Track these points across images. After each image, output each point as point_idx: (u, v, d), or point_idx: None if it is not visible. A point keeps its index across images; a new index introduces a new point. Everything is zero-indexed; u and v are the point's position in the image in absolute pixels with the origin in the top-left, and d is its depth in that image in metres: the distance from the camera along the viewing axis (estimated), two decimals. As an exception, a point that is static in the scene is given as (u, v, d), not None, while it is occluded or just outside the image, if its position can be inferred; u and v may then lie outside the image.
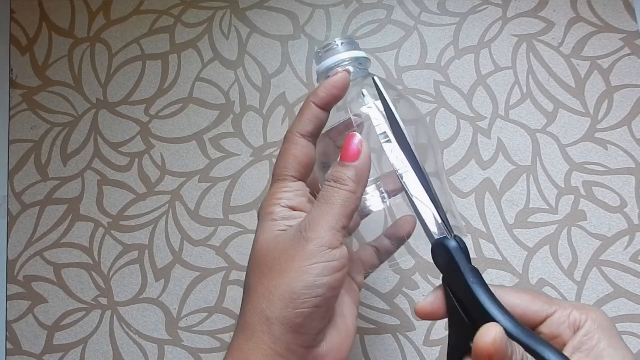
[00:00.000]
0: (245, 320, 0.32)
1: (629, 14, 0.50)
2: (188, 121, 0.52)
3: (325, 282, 0.31)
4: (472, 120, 0.49)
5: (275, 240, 0.33)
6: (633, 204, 0.47)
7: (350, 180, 0.33)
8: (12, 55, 0.54)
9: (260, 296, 0.32)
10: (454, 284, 0.31)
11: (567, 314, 0.30)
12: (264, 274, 0.32)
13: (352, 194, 0.33)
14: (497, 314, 0.28)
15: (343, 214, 0.33)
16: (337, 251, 0.32)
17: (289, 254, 0.32)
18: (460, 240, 0.32)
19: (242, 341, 0.32)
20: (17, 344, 0.48)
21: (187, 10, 0.54)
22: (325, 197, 0.33)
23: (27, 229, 0.51)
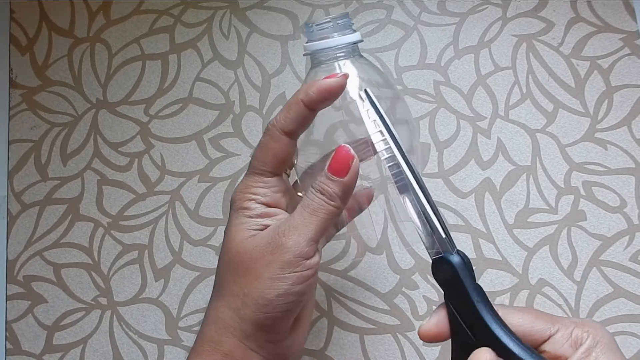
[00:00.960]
0: (217, 314, 0.34)
1: (629, 14, 0.50)
2: (188, 121, 0.52)
3: (297, 290, 0.33)
4: (472, 121, 0.49)
5: (252, 241, 0.34)
6: (633, 204, 0.47)
7: (338, 198, 0.33)
8: (12, 55, 0.54)
9: (235, 296, 0.33)
10: (457, 301, 0.30)
11: (569, 332, 0.30)
12: (239, 274, 0.33)
13: (337, 210, 0.34)
14: (502, 334, 0.28)
15: (324, 227, 0.33)
16: (311, 260, 0.33)
17: (266, 259, 0.33)
18: (464, 255, 0.31)
19: (215, 334, 0.34)
20: (17, 344, 0.48)
21: (187, 10, 0.54)
22: (311, 207, 0.33)
23: (27, 229, 0.51)
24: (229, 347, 0.33)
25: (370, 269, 0.47)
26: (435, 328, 0.31)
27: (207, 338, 0.34)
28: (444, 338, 0.31)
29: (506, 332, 0.28)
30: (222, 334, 0.33)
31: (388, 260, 0.47)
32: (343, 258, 0.48)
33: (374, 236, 0.42)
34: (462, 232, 0.47)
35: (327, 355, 0.46)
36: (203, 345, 0.34)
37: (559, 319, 0.31)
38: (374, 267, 0.47)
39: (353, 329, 0.46)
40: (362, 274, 0.47)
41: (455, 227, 0.47)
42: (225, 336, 0.33)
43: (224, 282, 0.34)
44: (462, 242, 0.47)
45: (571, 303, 0.45)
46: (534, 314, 0.31)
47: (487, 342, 0.28)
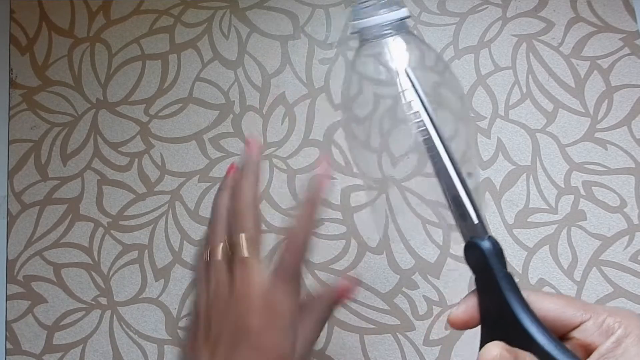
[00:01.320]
0: None
1: (629, 14, 0.50)
2: (188, 121, 0.52)
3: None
4: (472, 120, 0.49)
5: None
6: (633, 204, 0.47)
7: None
8: (12, 55, 0.54)
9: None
10: (487, 288, 0.30)
11: (601, 321, 0.29)
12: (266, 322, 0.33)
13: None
14: (529, 324, 0.28)
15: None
16: None
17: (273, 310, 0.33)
18: (494, 242, 0.30)
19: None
20: (17, 344, 0.48)
21: (187, 10, 0.54)
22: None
23: (27, 229, 0.51)
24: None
25: (370, 269, 0.47)
26: (463, 315, 0.31)
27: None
28: (473, 325, 0.31)
29: (533, 321, 0.28)
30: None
31: (388, 260, 0.47)
32: (343, 258, 0.48)
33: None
34: (462, 232, 0.47)
35: (327, 355, 0.46)
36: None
37: (591, 307, 0.30)
38: (374, 267, 0.47)
39: (353, 329, 0.46)
40: (362, 274, 0.47)
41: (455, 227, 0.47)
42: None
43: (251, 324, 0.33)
44: (462, 242, 0.47)
45: (571, 303, 0.45)
46: (565, 300, 0.30)
47: (513, 331, 0.28)
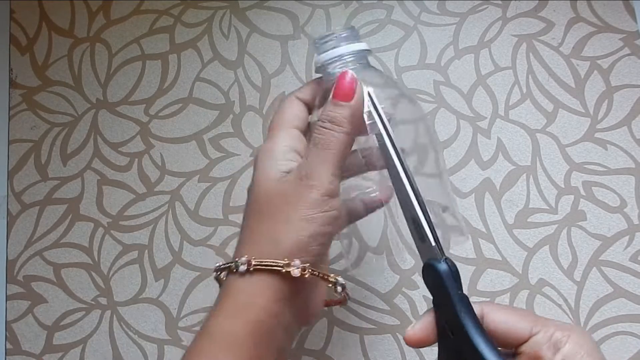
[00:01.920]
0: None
1: (629, 14, 0.50)
2: (188, 121, 0.52)
3: (328, 231, 0.32)
4: (472, 121, 0.49)
5: (277, 184, 0.33)
6: (633, 204, 0.47)
7: (346, 122, 0.33)
8: (12, 55, 0.54)
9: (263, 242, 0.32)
10: (443, 308, 0.31)
11: (549, 335, 0.29)
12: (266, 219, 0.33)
13: (347, 136, 0.33)
14: (483, 347, 0.29)
15: (341, 158, 0.33)
16: (335, 201, 0.33)
17: (292, 202, 0.32)
18: (451, 264, 0.31)
19: (246, 285, 0.32)
20: (17, 344, 0.48)
21: (187, 10, 0.54)
22: (322, 142, 0.33)
23: (27, 229, 0.51)
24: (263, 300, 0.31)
25: (370, 269, 0.47)
26: (420, 333, 0.31)
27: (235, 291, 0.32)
28: (429, 343, 0.31)
29: (487, 344, 0.29)
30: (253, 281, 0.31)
31: (388, 260, 0.47)
32: (343, 258, 0.48)
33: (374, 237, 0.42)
34: (462, 232, 0.47)
35: (327, 355, 0.46)
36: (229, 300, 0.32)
37: (542, 320, 0.30)
38: (374, 267, 0.47)
39: (353, 329, 0.46)
40: (362, 274, 0.47)
41: (455, 227, 0.47)
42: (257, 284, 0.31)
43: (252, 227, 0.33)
44: (462, 242, 0.47)
45: (571, 303, 0.45)
46: (517, 314, 0.31)
47: (466, 349, 0.29)
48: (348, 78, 0.33)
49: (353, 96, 0.33)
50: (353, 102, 0.33)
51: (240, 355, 0.30)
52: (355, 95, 0.33)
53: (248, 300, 0.31)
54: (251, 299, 0.31)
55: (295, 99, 0.37)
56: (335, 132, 0.33)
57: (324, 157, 0.32)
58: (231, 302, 0.32)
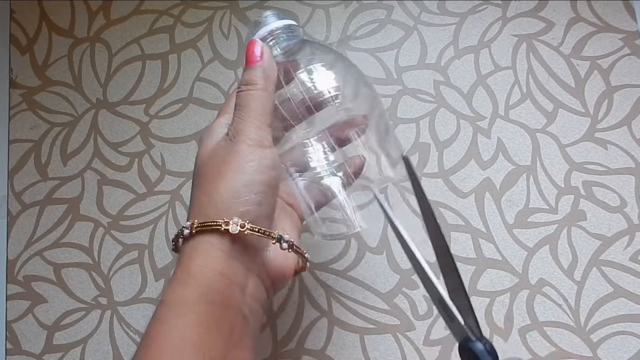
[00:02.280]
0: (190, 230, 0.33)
1: (629, 14, 0.50)
2: (188, 121, 0.52)
3: (262, 179, 0.33)
4: (472, 120, 0.49)
5: (211, 152, 0.35)
6: (633, 204, 0.47)
7: (260, 79, 0.35)
8: (12, 55, 0.54)
9: (204, 204, 0.33)
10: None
11: None
12: (204, 183, 0.34)
13: (264, 92, 0.35)
14: None
15: (263, 112, 0.35)
16: (267, 151, 0.34)
17: (225, 160, 0.33)
18: (490, 348, 0.30)
19: (191, 249, 0.33)
20: (17, 344, 0.48)
21: (187, 10, 0.54)
22: (241, 103, 0.35)
23: (27, 229, 0.51)
24: (207, 260, 0.32)
25: (370, 269, 0.47)
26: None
27: (184, 258, 0.33)
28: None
29: None
30: (197, 245, 0.32)
31: (388, 260, 0.47)
32: (343, 258, 0.48)
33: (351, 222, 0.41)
34: (462, 232, 0.47)
35: (327, 355, 0.46)
36: (180, 267, 0.32)
37: None
38: (374, 267, 0.47)
39: (353, 329, 0.46)
40: (362, 274, 0.47)
41: (455, 227, 0.47)
42: (201, 246, 0.32)
43: (193, 196, 0.35)
44: (462, 242, 0.47)
45: (571, 303, 0.45)
46: None
47: None
48: (253, 43, 0.36)
49: (261, 57, 0.36)
50: (262, 62, 0.36)
51: (195, 318, 0.30)
52: (262, 56, 0.36)
53: (195, 263, 0.32)
54: (198, 262, 0.32)
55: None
56: (251, 90, 0.35)
57: (246, 115, 0.34)
58: (182, 268, 0.32)
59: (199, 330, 0.30)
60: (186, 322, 0.30)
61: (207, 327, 0.30)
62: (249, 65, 0.36)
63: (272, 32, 0.38)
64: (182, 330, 0.30)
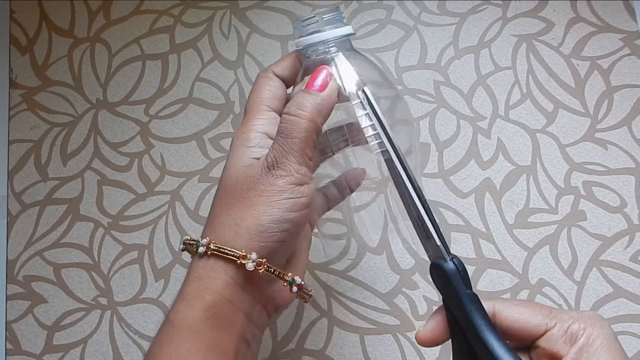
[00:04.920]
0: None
1: (629, 14, 0.50)
2: (188, 121, 0.52)
3: (292, 217, 0.32)
4: (472, 121, 0.49)
5: (244, 172, 0.33)
6: (633, 204, 0.47)
7: (313, 109, 0.32)
8: (12, 55, 0.54)
9: (226, 227, 0.32)
10: (452, 306, 0.31)
11: (565, 328, 0.29)
12: (232, 205, 0.32)
13: (313, 124, 0.32)
14: (494, 343, 0.29)
15: (306, 146, 0.32)
16: (305, 188, 0.32)
17: (258, 188, 0.32)
18: (458, 263, 0.31)
19: (203, 270, 0.32)
20: (17, 344, 0.48)
21: (187, 10, 0.54)
22: (286, 130, 0.32)
23: (27, 229, 0.51)
24: (217, 285, 0.31)
25: (370, 269, 0.47)
26: (432, 333, 0.31)
27: (194, 276, 0.32)
28: (442, 341, 0.31)
29: (498, 341, 0.29)
30: (211, 268, 0.32)
31: (388, 260, 0.47)
32: (343, 258, 0.48)
33: (369, 236, 0.42)
34: (462, 232, 0.47)
35: (327, 355, 0.46)
36: (189, 286, 0.32)
37: (557, 313, 0.30)
38: (374, 267, 0.47)
39: (353, 329, 0.46)
40: (362, 274, 0.47)
41: (455, 227, 0.47)
42: (213, 270, 0.31)
43: (216, 214, 0.33)
44: (462, 242, 0.47)
45: (571, 303, 0.45)
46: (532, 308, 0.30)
47: (479, 347, 0.29)
48: (323, 74, 0.34)
49: (322, 88, 0.33)
50: (323, 94, 0.33)
51: (198, 341, 0.30)
52: (325, 87, 0.33)
53: (204, 285, 0.31)
54: (207, 284, 0.31)
55: (272, 75, 0.36)
56: (301, 120, 0.32)
57: (289, 146, 0.32)
58: (191, 287, 0.32)
59: (203, 355, 0.30)
60: (191, 345, 0.30)
61: (211, 351, 0.30)
62: (308, 89, 0.33)
63: (324, 42, 0.35)
64: (187, 354, 0.29)
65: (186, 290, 0.32)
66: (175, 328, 0.31)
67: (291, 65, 0.37)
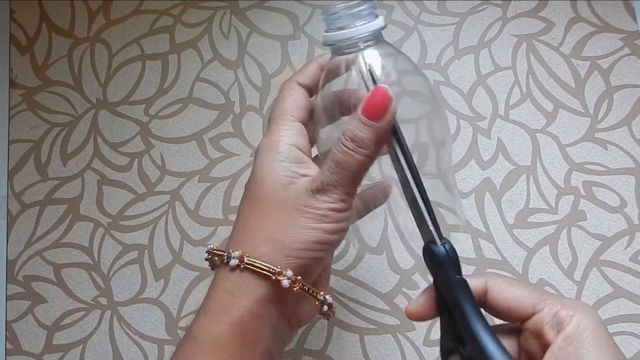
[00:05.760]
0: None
1: (629, 14, 0.50)
2: (188, 121, 0.52)
3: (332, 240, 0.32)
4: (472, 120, 0.49)
5: (285, 190, 0.32)
6: (633, 204, 0.47)
7: (372, 145, 0.31)
8: (12, 55, 0.54)
9: (262, 240, 0.31)
10: (442, 289, 0.31)
11: (553, 313, 0.28)
12: (272, 220, 0.32)
13: (369, 160, 0.31)
14: (480, 330, 0.29)
15: (358, 179, 0.32)
16: (345, 214, 0.32)
17: (301, 210, 0.31)
18: (450, 248, 0.31)
19: (233, 284, 0.31)
20: (17, 344, 0.48)
21: (187, 10, 0.54)
22: (342, 161, 0.31)
23: (27, 229, 0.51)
24: (248, 300, 0.31)
25: (370, 269, 0.47)
26: (421, 308, 0.32)
27: (222, 289, 0.31)
28: (430, 317, 0.32)
29: (482, 326, 0.29)
30: (242, 282, 0.31)
31: (388, 260, 0.47)
32: (343, 258, 0.48)
33: (375, 233, 0.42)
34: (462, 232, 0.47)
35: (327, 355, 0.46)
36: (215, 300, 0.31)
37: (547, 297, 0.29)
38: (374, 267, 0.47)
39: (353, 329, 0.46)
40: (362, 274, 0.47)
41: (455, 227, 0.47)
42: (245, 285, 0.31)
43: (247, 225, 0.32)
44: (462, 242, 0.47)
45: (571, 303, 0.45)
46: (523, 288, 0.30)
47: (464, 332, 0.29)
48: (381, 94, 0.31)
49: (384, 116, 0.30)
50: (383, 124, 0.31)
51: (223, 357, 0.30)
52: (386, 115, 0.31)
53: (233, 299, 0.31)
54: (236, 298, 0.31)
55: (295, 85, 0.35)
56: (358, 155, 0.31)
57: (341, 178, 0.31)
58: (217, 299, 0.31)
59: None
60: (214, 359, 0.30)
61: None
62: (367, 118, 0.30)
63: (356, 37, 0.32)
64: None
65: (211, 304, 0.31)
66: (199, 343, 0.30)
67: (313, 73, 0.36)
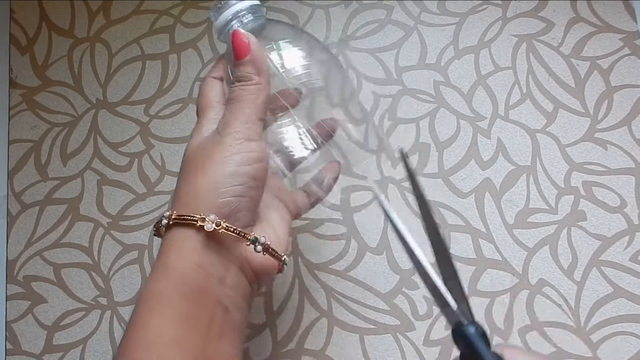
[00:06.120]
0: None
1: (629, 14, 0.50)
2: (188, 121, 0.52)
3: (246, 171, 0.33)
4: (472, 121, 0.49)
5: (198, 144, 0.34)
6: (633, 204, 0.47)
7: (253, 74, 0.35)
8: (12, 55, 0.54)
9: (184, 195, 0.33)
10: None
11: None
12: (188, 174, 0.34)
13: (258, 86, 0.35)
14: None
15: (255, 106, 0.34)
16: (254, 143, 0.34)
17: (210, 153, 0.33)
18: (478, 326, 0.30)
19: (169, 241, 0.32)
20: (17, 344, 0.48)
21: (187, 10, 0.54)
22: (234, 97, 0.34)
23: (27, 229, 0.51)
24: (183, 253, 0.32)
25: (370, 269, 0.47)
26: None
27: (161, 251, 0.33)
28: None
29: None
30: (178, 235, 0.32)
31: (388, 260, 0.47)
32: (343, 258, 0.48)
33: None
34: (462, 232, 0.47)
35: (327, 355, 0.46)
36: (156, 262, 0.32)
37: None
38: (374, 267, 0.47)
39: (353, 329, 0.46)
40: (362, 274, 0.47)
41: (455, 227, 0.47)
42: (182, 236, 0.32)
43: (176, 187, 0.34)
44: (462, 242, 0.47)
45: (571, 303, 0.45)
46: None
47: None
48: (238, 35, 0.35)
49: (248, 50, 0.35)
50: (250, 56, 0.35)
51: (171, 313, 0.30)
52: (250, 47, 0.35)
53: (171, 257, 0.32)
54: (174, 255, 0.32)
55: (211, 79, 0.38)
56: (245, 86, 0.34)
57: (237, 110, 0.34)
58: (160, 261, 0.32)
59: (175, 325, 0.30)
60: (162, 317, 0.30)
61: (183, 321, 0.30)
62: (238, 59, 0.35)
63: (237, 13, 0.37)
64: (158, 327, 0.30)
65: (155, 265, 0.32)
66: (146, 302, 0.31)
67: (223, 66, 0.39)
